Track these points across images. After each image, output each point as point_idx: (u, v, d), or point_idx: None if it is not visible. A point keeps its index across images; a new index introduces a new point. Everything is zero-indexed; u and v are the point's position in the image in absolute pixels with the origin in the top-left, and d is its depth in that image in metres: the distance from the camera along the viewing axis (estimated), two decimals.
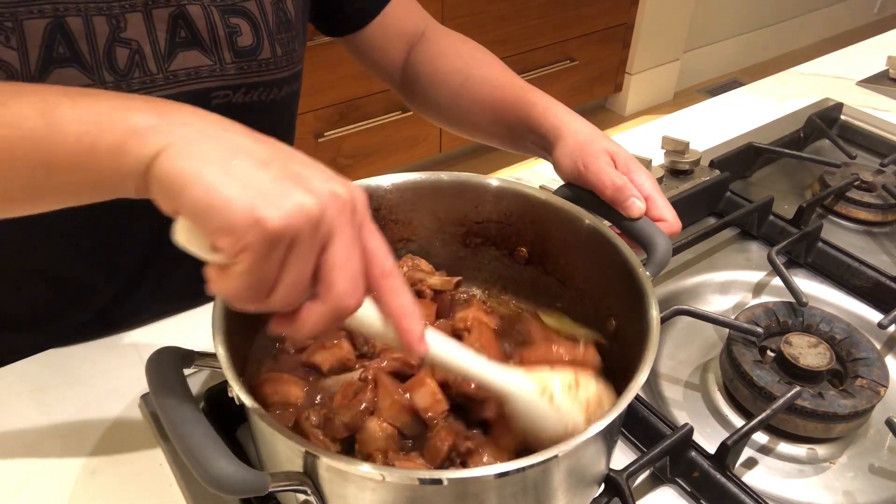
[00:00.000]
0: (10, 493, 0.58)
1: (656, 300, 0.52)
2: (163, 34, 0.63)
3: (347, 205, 0.40)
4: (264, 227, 0.37)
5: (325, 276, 0.40)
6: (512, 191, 0.64)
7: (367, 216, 0.43)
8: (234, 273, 0.38)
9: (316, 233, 0.39)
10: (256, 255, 0.38)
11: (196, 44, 0.65)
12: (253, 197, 0.38)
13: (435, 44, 0.84)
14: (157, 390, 0.44)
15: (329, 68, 2.03)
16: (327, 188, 0.40)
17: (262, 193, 0.38)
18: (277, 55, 0.70)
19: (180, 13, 0.64)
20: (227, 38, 0.66)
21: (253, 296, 0.39)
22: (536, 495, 0.47)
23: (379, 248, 0.43)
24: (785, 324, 0.73)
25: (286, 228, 0.38)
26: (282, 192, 0.38)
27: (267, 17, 0.69)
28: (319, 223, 0.39)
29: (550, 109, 0.70)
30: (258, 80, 0.70)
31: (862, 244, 0.91)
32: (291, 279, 0.39)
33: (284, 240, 0.38)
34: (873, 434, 0.68)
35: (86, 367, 0.69)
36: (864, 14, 3.84)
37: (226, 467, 0.40)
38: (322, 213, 0.39)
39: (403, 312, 0.44)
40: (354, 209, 0.41)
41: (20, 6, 0.56)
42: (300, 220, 0.38)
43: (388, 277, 0.43)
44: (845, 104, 1.15)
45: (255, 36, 0.68)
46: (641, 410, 0.63)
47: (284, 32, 0.71)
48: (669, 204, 0.64)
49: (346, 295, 0.40)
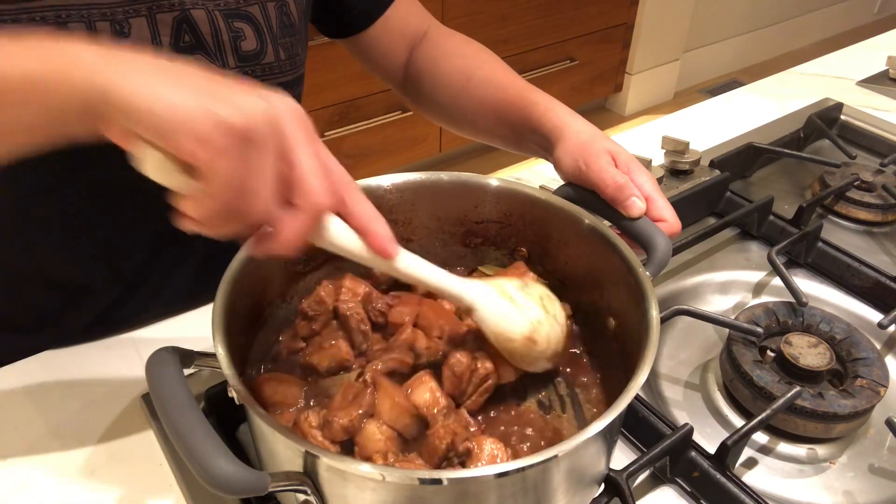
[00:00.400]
0: (10, 493, 0.58)
1: (656, 300, 0.52)
2: (167, 39, 0.63)
3: (299, 113, 0.42)
4: (230, 125, 0.38)
5: (297, 180, 0.41)
6: (512, 191, 0.64)
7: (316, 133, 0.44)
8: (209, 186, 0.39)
9: (278, 135, 0.40)
10: (222, 156, 0.38)
11: (200, 48, 0.65)
12: (211, 103, 0.38)
13: (437, 44, 0.84)
14: (157, 390, 0.44)
15: (329, 68, 2.03)
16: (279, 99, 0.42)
17: (218, 99, 0.39)
18: (281, 59, 0.70)
19: (184, 18, 0.63)
20: (230, 43, 0.66)
21: (234, 210, 0.39)
22: (536, 495, 0.47)
23: (332, 159, 0.44)
24: (785, 324, 0.73)
25: (249, 126, 0.38)
26: (238, 96, 0.40)
27: (270, 22, 0.69)
28: (279, 126, 0.40)
29: (552, 110, 0.70)
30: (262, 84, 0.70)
31: (862, 244, 0.91)
32: (265, 183, 0.40)
33: (245, 136, 0.38)
34: (873, 434, 0.68)
35: (86, 367, 0.69)
36: (864, 14, 3.84)
37: (226, 467, 0.40)
38: (279, 117, 0.40)
39: (369, 217, 0.46)
40: (307, 123, 0.43)
41: (21, 13, 0.56)
42: (260, 119, 0.39)
43: (349, 187, 0.45)
44: (845, 104, 1.15)
45: (259, 40, 0.68)
46: (641, 410, 0.63)
47: (288, 36, 0.71)
48: (669, 204, 0.64)
49: (320, 194, 0.42)
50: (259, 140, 0.39)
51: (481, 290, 0.54)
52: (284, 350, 0.60)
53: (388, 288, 0.64)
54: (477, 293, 0.53)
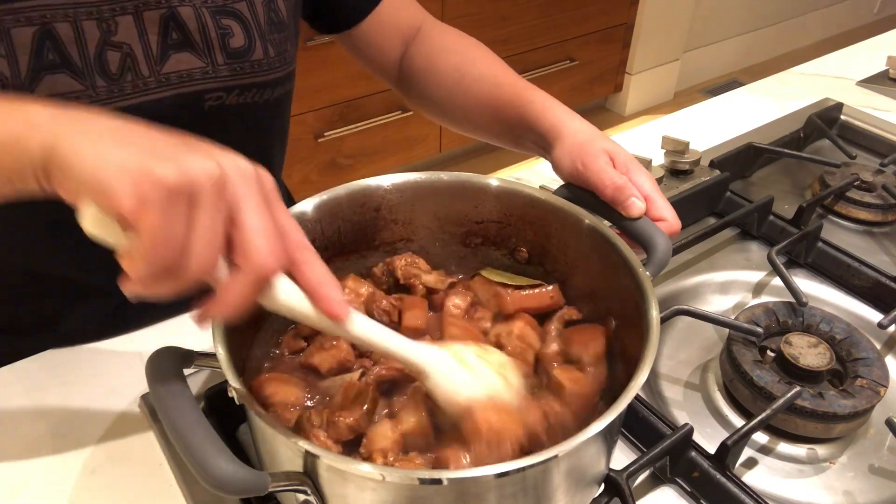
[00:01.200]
0: (10, 493, 0.58)
1: (656, 300, 0.52)
2: (154, 37, 0.63)
3: (252, 176, 0.41)
4: (165, 182, 0.37)
5: (239, 242, 0.40)
6: (512, 191, 0.64)
7: (276, 196, 0.43)
8: (143, 242, 0.38)
9: (219, 193, 0.39)
10: (157, 212, 0.37)
11: (188, 46, 0.65)
12: (150, 161, 0.38)
13: (432, 40, 0.84)
14: (157, 390, 0.44)
15: (329, 68, 2.03)
16: (230, 159, 0.41)
17: (160, 157, 0.38)
18: (270, 56, 0.70)
19: (171, 15, 0.63)
20: (218, 40, 0.66)
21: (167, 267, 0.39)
22: (536, 495, 0.47)
23: (290, 222, 0.43)
24: (785, 324, 0.73)
25: (185, 182, 0.38)
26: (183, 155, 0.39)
27: (258, 18, 0.69)
28: (222, 185, 0.39)
29: (549, 108, 0.70)
30: (251, 82, 0.70)
31: (862, 244, 0.91)
32: (202, 238, 0.39)
33: (184, 193, 0.38)
34: (873, 434, 0.68)
35: (86, 367, 0.69)
36: (864, 14, 3.84)
37: (226, 467, 0.40)
38: (223, 176, 0.39)
39: (321, 281, 0.44)
40: (261, 183, 0.41)
41: (6, 15, 0.56)
42: (199, 176, 0.38)
43: (303, 250, 0.44)
44: (845, 104, 1.15)
45: (247, 37, 0.68)
46: (641, 410, 0.63)
47: (276, 33, 0.71)
48: (669, 204, 0.64)
49: (265, 256, 0.40)
50: (197, 198, 0.38)
51: (435, 356, 0.51)
52: (285, 350, 0.60)
53: (388, 289, 0.64)
54: (431, 358, 0.51)
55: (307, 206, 0.60)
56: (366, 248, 0.65)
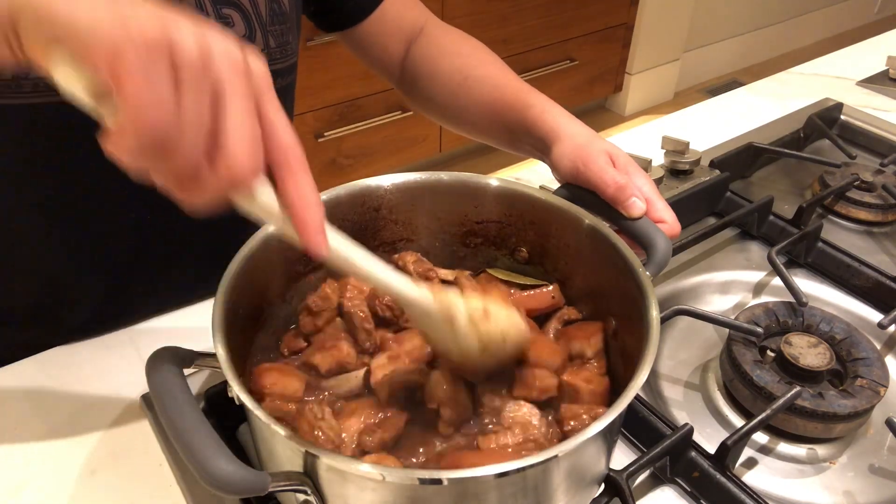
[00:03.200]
0: (10, 493, 0.58)
1: (656, 300, 0.52)
2: None
3: (239, 61, 0.36)
4: (141, 30, 0.33)
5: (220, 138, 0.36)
6: (512, 191, 0.64)
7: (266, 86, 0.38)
8: (127, 105, 0.34)
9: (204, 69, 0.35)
10: (137, 67, 0.33)
11: None
12: (127, 15, 0.34)
13: (434, 41, 0.84)
14: (157, 390, 0.44)
15: (329, 68, 2.03)
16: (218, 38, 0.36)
17: (151, 16, 0.35)
18: (271, 47, 0.71)
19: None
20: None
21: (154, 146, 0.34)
22: (536, 495, 0.47)
23: (279, 120, 0.38)
24: (785, 324, 0.73)
25: (164, 39, 0.34)
26: (176, 20, 0.35)
27: (259, 9, 0.69)
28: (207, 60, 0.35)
29: (548, 112, 0.70)
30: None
31: (862, 244, 0.91)
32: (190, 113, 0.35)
33: (165, 51, 0.34)
34: (873, 434, 0.68)
35: (86, 367, 0.69)
36: (864, 14, 3.84)
37: (226, 467, 0.40)
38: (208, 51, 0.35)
39: (304, 200, 0.39)
40: (249, 70, 0.37)
41: None
42: (183, 40, 0.34)
43: (289, 154, 0.39)
44: (845, 104, 1.15)
45: (247, 27, 0.68)
46: (641, 410, 0.63)
47: (278, 24, 0.71)
48: (668, 206, 0.64)
49: (240, 159, 0.36)
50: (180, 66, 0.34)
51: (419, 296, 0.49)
52: (286, 349, 0.60)
53: None
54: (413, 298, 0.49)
55: None
56: (365, 248, 0.65)
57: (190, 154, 0.35)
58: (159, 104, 0.34)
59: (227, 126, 0.36)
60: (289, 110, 0.83)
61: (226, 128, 0.36)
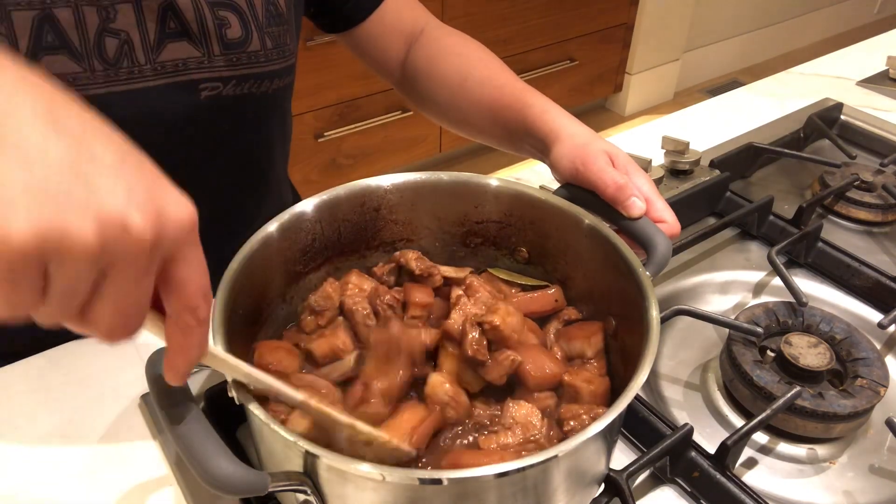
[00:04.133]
0: (10, 493, 0.58)
1: (656, 300, 0.52)
2: (152, 25, 0.64)
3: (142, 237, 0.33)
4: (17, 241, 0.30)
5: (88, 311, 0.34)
6: (512, 191, 0.64)
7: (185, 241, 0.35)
8: None
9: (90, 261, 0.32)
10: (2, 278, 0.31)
11: (185, 35, 0.66)
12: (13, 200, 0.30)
13: (435, 42, 0.84)
14: (157, 390, 0.44)
15: (329, 68, 2.03)
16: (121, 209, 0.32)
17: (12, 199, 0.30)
18: (268, 48, 0.71)
19: (170, 5, 0.64)
20: (215, 30, 0.67)
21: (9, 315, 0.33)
22: (536, 495, 0.47)
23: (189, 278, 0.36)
24: (785, 324, 0.73)
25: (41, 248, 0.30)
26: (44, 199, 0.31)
27: (255, 11, 0.70)
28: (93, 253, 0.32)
29: (548, 112, 0.70)
30: (248, 73, 0.70)
31: (862, 244, 0.91)
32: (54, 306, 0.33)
33: (32, 263, 0.31)
34: (873, 434, 0.68)
35: (86, 366, 0.69)
36: (864, 14, 3.84)
37: (226, 467, 0.40)
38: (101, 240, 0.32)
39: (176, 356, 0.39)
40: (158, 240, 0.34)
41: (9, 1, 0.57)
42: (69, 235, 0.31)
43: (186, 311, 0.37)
44: (845, 104, 1.15)
45: (244, 28, 0.69)
46: (641, 410, 0.63)
47: (275, 25, 0.71)
48: (668, 206, 0.64)
49: (111, 331, 0.35)
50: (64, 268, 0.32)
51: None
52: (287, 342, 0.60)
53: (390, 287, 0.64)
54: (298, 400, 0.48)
55: (307, 206, 0.60)
56: (365, 248, 0.65)
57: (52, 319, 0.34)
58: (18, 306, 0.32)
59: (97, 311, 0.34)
60: (287, 111, 0.83)
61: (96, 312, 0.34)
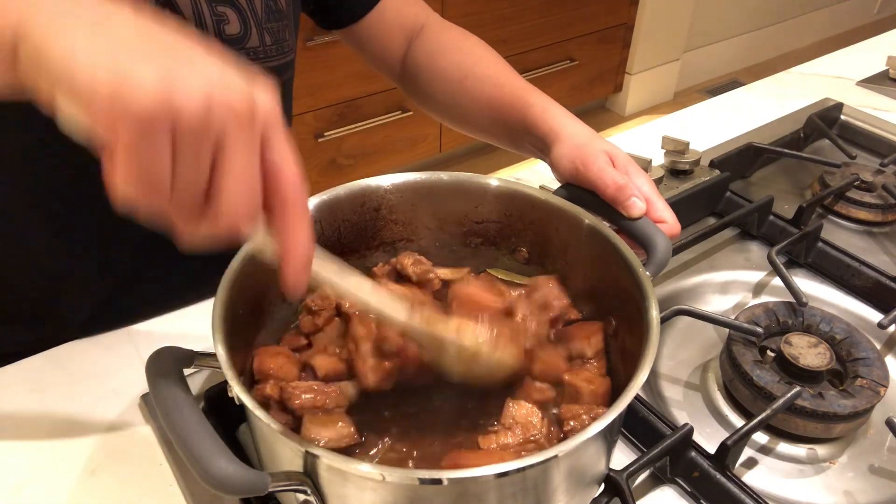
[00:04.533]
0: (10, 493, 0.58)
1: (656, 300, 0.52)
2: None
3: (244, 114, 0.36)
4: (136, 108, 0.32)
5: (213, 188, 0.36)
6: (512, 191, 0.64)
7: (274, 125, 0.38)
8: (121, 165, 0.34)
9: (204, 132, 0.34)
10: (131, 145, 0.33)
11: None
12: (127, 62, 0.33)
13: (435, 39, 0.84)
14: (157, 390, 0.44)
15: (329, 68, 2.03)
16: (222, 84, 0.35)
17: (138, 59, 0.33)
18: (266, 44, 0.71)
19: (167, 1, 0.64)
20: (213, 26, 0.67)
21: (143, 192, 0.35)
22: (536, 495, 0.47)
23: (283, 161, 0.38)
24: (785, 324, 0.73)
25: (160, 111, 0.33)
26: (159, 69, 0.33)
27: (254, 6, 0.69)
28: (206, 124, 0.34)
29: (548, 111, 0.70)
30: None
31: (862, 244, 0.91)
32: (184, 177, 0.35)
33: (160, 127, 0.33)
34: (873, 434, 0.68)
35: (86, 366, 0.69)
36: (864, 14, 3.84)
37: (226, 467, 0.40)
38: (209, 113, 0.34)
39: (294, 247, 0.40)
40: (254, 118, 0.36)
41: None
42: (182, 106, 0.33)
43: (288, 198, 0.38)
44: (845, 104, 1.15)
45: (243, 24, 0.68)
46: (641, 410, 0.63)
47: (274, 21, 0.71)
48: (668, 206, 0.64)
49: (233, 212, 0.36)
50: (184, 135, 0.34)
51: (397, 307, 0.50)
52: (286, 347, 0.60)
53: None
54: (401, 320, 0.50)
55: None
56: (366, 248, 0.65)
57: (181, 208, 0.36)
58: (151, 174, 0.34)
59: (222, 183, 0.36)
60: (287, 108, 0.83)
61: (221, 184, 0.36)
